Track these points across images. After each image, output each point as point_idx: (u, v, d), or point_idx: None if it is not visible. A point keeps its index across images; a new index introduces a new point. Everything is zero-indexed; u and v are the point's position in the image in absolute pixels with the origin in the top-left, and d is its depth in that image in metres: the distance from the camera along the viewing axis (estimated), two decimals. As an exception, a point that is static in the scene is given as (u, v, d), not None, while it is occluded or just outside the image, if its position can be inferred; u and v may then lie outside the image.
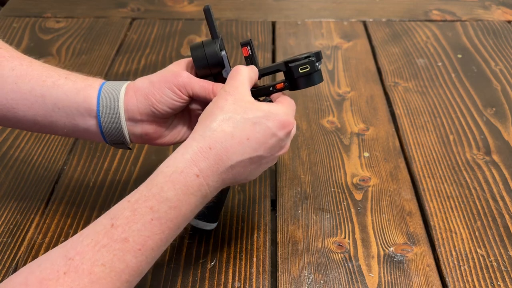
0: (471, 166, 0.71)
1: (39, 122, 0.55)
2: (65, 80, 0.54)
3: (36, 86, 0.54)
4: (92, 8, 1.11)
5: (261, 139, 0.49)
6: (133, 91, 0.54)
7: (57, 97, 0.54)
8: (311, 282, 0.57)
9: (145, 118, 0.54)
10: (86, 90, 0.54)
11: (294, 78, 0.55)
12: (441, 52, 0.97)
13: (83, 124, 0.55)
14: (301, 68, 0.54)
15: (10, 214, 0.64)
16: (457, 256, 0.59)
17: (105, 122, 0.54)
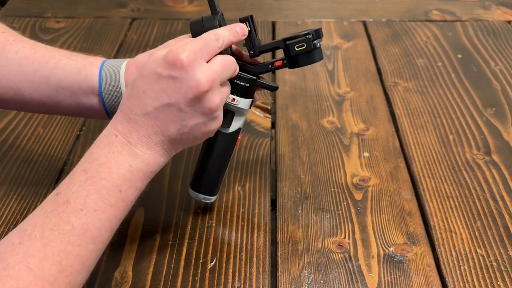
0: (471, 166, 0.71)
1: (46, 103, 0.57)
2: (67, 60, 0.56)
3: (40, 67, 0.55)
4: (92, 8, 1.11)
5: (154, 87, 0.48)
6: (134, 67, 0.55)
7: (60, 77, 0.55)
8: (311, 282, 0.57)
9: None
10: (88, 69, 0.55)
11: (292, 56, 0.55)
12: (441, 52, 0.97)
13: (87, 102, 0.56)
14: (297, 46, 0.54)
15: (10, 214, 0.64)
16: (457, 256, 0.59)
17: (108, 99, 0.55)
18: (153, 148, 0.49)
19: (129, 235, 0.61)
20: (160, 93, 0.47)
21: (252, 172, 0.71)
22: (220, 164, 0.59)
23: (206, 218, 0.64)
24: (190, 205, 0.66)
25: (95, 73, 0.55)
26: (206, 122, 0.50)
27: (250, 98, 0.57)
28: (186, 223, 0.63)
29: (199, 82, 0.47)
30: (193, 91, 0.47)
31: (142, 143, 0.48)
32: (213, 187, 0.60)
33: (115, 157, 0.47)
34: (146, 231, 0.62)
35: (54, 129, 0.78)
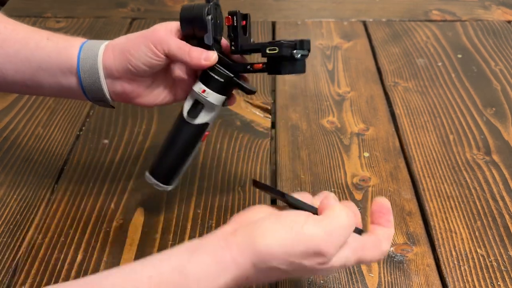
0: (471, 166, 0.71)
1: (28, 84, 0.57)
2: (47, 41, 0.56)
3: (21, 49, 0.55)
4: (92, 8, 1.11)
5: (298, 267, 0.42)
6: (111, 48, 0.55)
7: (40, 59, 0.55)
8: (311, 282, 0.57)
9: (122, 75, 0.54)
10: (68, 50, 0.55)
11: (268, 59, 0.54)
12: (441, 52, 0.97)
13: (66, 83, 0.56)
14: (269, 49, 0.53)
15: (10, 214, 0.64)
16: (457, 256, 0.59)
17: (85, 79, 0.55)
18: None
19: (129, 236, 0.61)
20: (299, 272, 0.43)
21: (252, 172, 0.71)
22: (179, 154, 0.58)
23: (206, 218, 0.64)
24: (190, 205, 0.66)
25: (75, 53, 0.55)
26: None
27: (223, 95, 0.56)
28: (186, 223, 0.63)
29: (331, 267, 0.43)
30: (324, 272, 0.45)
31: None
32: (167, 176, 0.59)
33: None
34: (146, 231, 0.62)
35: (54, 129, 0.78)
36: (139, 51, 0.53)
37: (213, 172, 0.71)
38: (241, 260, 0.41)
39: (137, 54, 0.53)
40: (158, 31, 0.53)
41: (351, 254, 0.43)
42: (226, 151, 0.74)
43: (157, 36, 0.53)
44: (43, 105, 0.83)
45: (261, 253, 0.41)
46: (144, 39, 0.53)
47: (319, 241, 0.41)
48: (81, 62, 0.54)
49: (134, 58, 0.53)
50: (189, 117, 0.56)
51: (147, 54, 0.53)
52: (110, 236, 0.61)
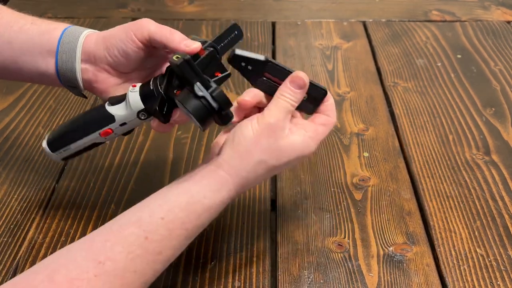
0: (470, 166, 0.72)
1: (8, 68, 0.57)
2: (31, 25, 0.56)
3: (4, 32, 0.56)
4: (93, 8, 1.12)
5: (278, 168, 0.52)
6: (96, 35, 0.55)
7: (22, 42, 0.56)
8: (311, 281, 0.57)
9: (98, 63, 0.54)
10: (50, 33, 0.55)
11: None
12: (441, 52, 0.97)
13: (43, 65, 0.56)
14: (176, 56, 0.49)
15: (10, 214, 0.64)
16: (457, 256, 0.59)
17: (62, 61, 0.55)
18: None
19: (130, 235, 0.62)
20: (285, 164, 0.51)
21: (252, 172, 0.71)
22: (75, 122, 0.56)
23: (206, 218, 0.64)
24: (190, 205, 0.66)
25: (57, 36, 0.55)
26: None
27: (142, 102, 0.52)
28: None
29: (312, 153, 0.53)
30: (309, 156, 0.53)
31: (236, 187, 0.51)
32: (54, 141, 0.56)
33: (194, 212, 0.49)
34: (147, 231, 0.62)
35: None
36: (118, 39, 0.53)
37: (213, 172, 0.71)
38: (233, 171, 0.49)
39: (116, 42, 0.53)
40: (141, 20, 0.53)
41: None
42: (226, 151, 0.74)
43: (138, 24, 0.53)
44: (43, 105, 0.83)
45: (243, 156, 0.49)
46: (125, 28, 0.53)
47: (272, 123, 0.50)
48: (61, 44, 0.55)
49: (112, 46, 0.53)
50: (110, 101, 0.54)
51: (125, 42, 0.52)
52: (110, 236, 0.61)
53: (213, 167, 0.50)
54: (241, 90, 0.87)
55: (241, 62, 0.51)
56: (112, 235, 0.46)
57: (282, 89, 0.51)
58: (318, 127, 0.53)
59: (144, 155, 0.74)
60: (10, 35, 0.56)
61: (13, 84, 0.87)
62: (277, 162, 0.50)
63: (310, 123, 0.53)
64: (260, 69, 0.51)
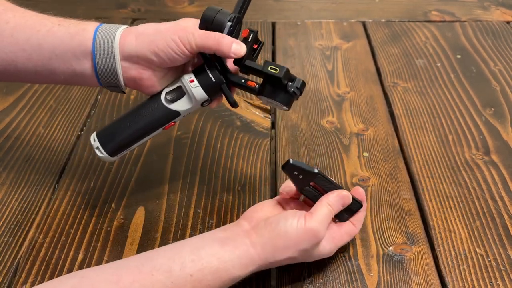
0: (470, 166, 0.72)
1: (39, 72, 0.56)
2: (58, 27, 0.56)
3: (32, 36, 0.55)
4: (93, 8, 1.12)
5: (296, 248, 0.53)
6: (135, 34, 0.55)
7: (53, 45, 0.55)
8: (310, 281, 0.57)
9: (141, 62, 0.55)
10: (81, 34, 0.55)
11: (264, 78, 0.56)
12: (440, 53, 0.97)
13: (79, 68, 0.56)
14: (271, 67, 0.55)
15: (11, 214, 0.64)
16: (456, 256, 0.59)
17: (100, 63, 0.55)
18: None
19: (129, 235, 0.62)
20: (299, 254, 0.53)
21: (252, 172, 0.71)
22: (137, 126, 0.57)
23: (206, 218, 0.64)
24: (190, 205, 0.66)
25: (89, 37, 0.55)
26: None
27: (207, 94, 0.57)
28: (186, 223, 0.63)
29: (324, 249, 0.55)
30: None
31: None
32: (115, 147, 0.58)
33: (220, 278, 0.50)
34: (146, 231, 0.62)
35: (55, 129, 0.78)
36: (167, 46, 0.53)
37: (213, 172, 0.71)
38: (264, 256, 0.51)
39: (165, 49, 0.53)
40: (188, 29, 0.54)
41: (329, 242, 0.55)
42: (226, 151, 0.74)
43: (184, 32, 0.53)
44: (44, 105, 0.83)
45: (279, 249, 0.51)
46: (174, 35, 0.53)
47: (316, 230, 0.52)
48: (97, 46, 0.54)
49: (160, 52, 0.54)
50: (167, 99, 0.57)
51: (175, 50, 0.54)
52: (111, 235, 0.62)
53: (247, 241, 0.51)
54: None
55: (294, 171, 0.55)
56: (141, 277, 0.47)
57: (331, 199, 0.55)
58: (344, 236, 0.56)
59: (144, 155, 0.74)
60: (38, 38, 0.55)
61: (13, 84, 0.87)
62: (302, 259, 0.54)
63: (338, 230, 0.56)
64: (310, 179, 0.56)
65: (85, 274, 0.48)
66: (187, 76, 0.56)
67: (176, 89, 0.57)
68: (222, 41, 0.54)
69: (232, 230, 0.53)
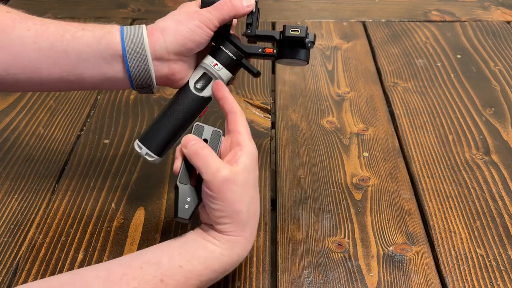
0: (470, 166, 0.72)
1: (65, 78, 0.55)
2: (82, 31, 0.54)
3: (56, 42, 0.54)
4: (93, 8, 1.12)
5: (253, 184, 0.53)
6: (159, 31, 0.55)
7: (79, 50, 0.54)
8: (311, 281, 0.57)
9: (172, 57, 0.55)
10: (107, 37, 0.54)
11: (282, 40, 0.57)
12: (441, 53, 0.97)
13: (110, 71, 0.55)
14: (292, 30, 0.56)
15: (11, 214, 0.64)
16: (456, 256, 0.59)
17: (133, 65, 0.54)
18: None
19: (129, 235, 0.62)
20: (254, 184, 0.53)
21: (252, 172, 0.71)
22: (178, 124, 0.58)
23: (206, 218, 0.64)
24: (190, 205, 0.66)
25: (117, 40, 0.54)
26: None
27: (231, 72, 0.58)
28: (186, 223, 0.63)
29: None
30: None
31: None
32: (159, 145, 0.58)
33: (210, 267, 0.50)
34: (146, 231, 0.62)
35: (55, 129, 0.78)
36: (193, 33, 0.54)
37: (213, 172, 0.71)
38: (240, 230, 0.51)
39: (191, 36, 0.54)
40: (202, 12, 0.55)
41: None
42: (226, 151, 0.74)
43: (204, 16, 0.54)
44: (44, 105, 0.83)
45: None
46: (194, 20, 0.54)
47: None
48: (127, 49, 0.54)
49: (188, 40, 0.54)
50: (196, 88, 0.58)
51: (200, 34, 0.54)
52: (110, 235, 0.62)
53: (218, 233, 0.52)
54: (241, 90, 0.87)
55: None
56: (131, 271, 0.48)
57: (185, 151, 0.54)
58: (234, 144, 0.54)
59: (144, 155, 0.74)
60: (63, 44, 0.54)
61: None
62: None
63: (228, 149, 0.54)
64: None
65: (77, 272, 0.49)
66: (208, 60, 0.58)
67: (203, 76, 0.58)
68: (235, 3, 0.55)
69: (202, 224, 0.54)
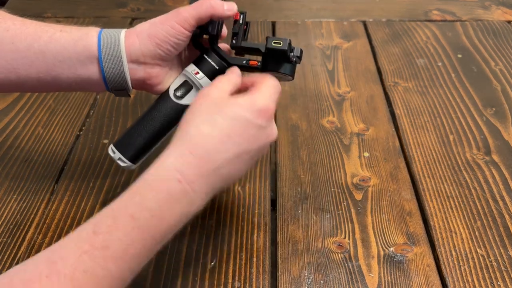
0: (471, 166, 0.71)
1: (42, 79, 0.55)
2: (60, 33, 0.55)
3: (33, 43, 0.54)
4: (93, 8, 1.11)
5: (242, 133, 0.49)
6: (135, 34, 0.55)
7: (56, 51, 0.54)
8: (311, 282, 0.57)
9: (148, 61, 0.55)
10: (84, 39, 0.54)
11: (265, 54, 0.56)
12: (441, 52, 0.97)
13: (85, 73, 0.55)
14: (274, 42, 0.55)
15: (10, 214, 0.64)
16: (457, 256, 0.59)
17: (108, 67, 0.54)
18: (210, 194, 0.48)
19: (129, 235, 0.61)
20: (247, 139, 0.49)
21: (252, 172, 0.71)
22: (155, 131, 0.57)
23: (206, 218, 0.64)
24: (190, 205, 0.66)
25: (93, 42, 0.54)
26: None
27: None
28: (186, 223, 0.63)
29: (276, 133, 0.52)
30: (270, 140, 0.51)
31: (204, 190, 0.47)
32: (136, 153, 0.57)
33: (172, 208, 0.45)
34: (146, 231, 0.62)
35: (54, 129, 0.78)
36: (167, 34, 0.53)
37: (213, 172, 0.71)
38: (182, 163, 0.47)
39: (166, 38, 0.53)
40: (180, 11, 0.54)
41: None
42: (226, 151, 0.74)
43: (179, 15, 0.54)
44: (43, 105, 0.83)
45: (195, 139, 0.48)
46: (169, 21, 0.54)
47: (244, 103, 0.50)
48: (103, 51, 0.54)
49: (163, 42, 0.54)
50: (176, 96, 0.57)
51: (175, 35, 0.54)
52: (110, 236, 0.61)
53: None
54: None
55: None
56: (71, 233, 0.44)
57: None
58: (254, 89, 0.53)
59: (144, 155, 0.73)
60: (40, 45, 0.54)
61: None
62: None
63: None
64: None
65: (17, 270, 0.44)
66: (190, 69, 0.57)
67: (183, 84, 0.57)
68: (214, 3, 0.54)
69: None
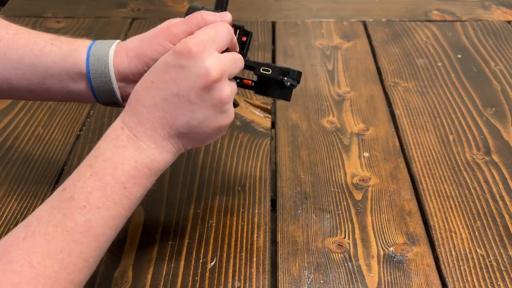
0: (470, 166, 0.71)
1: (34, 91, 0.56)
2: (51, 46, 0.55)
3: (25, 55, 0.54)
4: (93, 8, 1.12)
5: (162, 76, 0.47)
6: (124, 52, 0.54)
7: (46, 65, 0.54)
8: (311, 282, 0.57)
9: (137, 78, 0.53)
10: (73, 55, 0.54)
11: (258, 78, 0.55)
12: (441, 52, 0.97)
13: (75, 88, 0.55)
14: (263, 69, 0.54)
15: (10, 214, 0.64)
16: (457, 256, 0.59)
17: (97, 84, 0.54)
18: (160, 143, 0.48)
19: (129, 235, 0.61)
20: (169, 82, 0.47)
21: (252, 172, 0.71)
22: None
23: (206, 218, 0.64)
24: (190, 205, 0.66)
25: (82, 59, 0.54)
26: (216, 115, 0.49)
27: None
28: (186, 223, 0.63)
29: (208, 71, 0.46)
30: (202, 80, 0.46)
31: (148, 136, 0.48)
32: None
33: (121, 152, 0.47)
34: (146, 231, 0.62)
35: (54, 129, 0.78)
36: (156, 53, 0.52)
37: (213, 172, 0.71)
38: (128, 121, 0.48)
39: (154, 56, 0.52)
40: (170, 28, 0.53)
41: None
42: (226, 151, 0.74)
43: (167, 31, 0.52)
44: (43, 106, 0.83)
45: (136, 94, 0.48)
46: (159, 39, 0.52)
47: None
48: (91, 68, 0.54)
49: (151, 60, 0.52)
50: None
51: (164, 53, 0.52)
52: (110, 236, 0.61)
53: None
54: (241, 90, 0.87)
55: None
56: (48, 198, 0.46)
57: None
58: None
59: (144, 155, 0.73)
60: (31, 58, 0.54)
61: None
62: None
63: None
64: None
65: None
66: None
67: None
68: (206, 16, 0.52)
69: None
